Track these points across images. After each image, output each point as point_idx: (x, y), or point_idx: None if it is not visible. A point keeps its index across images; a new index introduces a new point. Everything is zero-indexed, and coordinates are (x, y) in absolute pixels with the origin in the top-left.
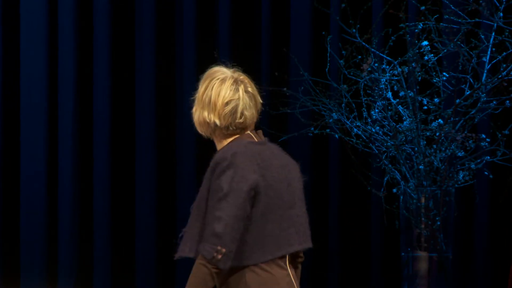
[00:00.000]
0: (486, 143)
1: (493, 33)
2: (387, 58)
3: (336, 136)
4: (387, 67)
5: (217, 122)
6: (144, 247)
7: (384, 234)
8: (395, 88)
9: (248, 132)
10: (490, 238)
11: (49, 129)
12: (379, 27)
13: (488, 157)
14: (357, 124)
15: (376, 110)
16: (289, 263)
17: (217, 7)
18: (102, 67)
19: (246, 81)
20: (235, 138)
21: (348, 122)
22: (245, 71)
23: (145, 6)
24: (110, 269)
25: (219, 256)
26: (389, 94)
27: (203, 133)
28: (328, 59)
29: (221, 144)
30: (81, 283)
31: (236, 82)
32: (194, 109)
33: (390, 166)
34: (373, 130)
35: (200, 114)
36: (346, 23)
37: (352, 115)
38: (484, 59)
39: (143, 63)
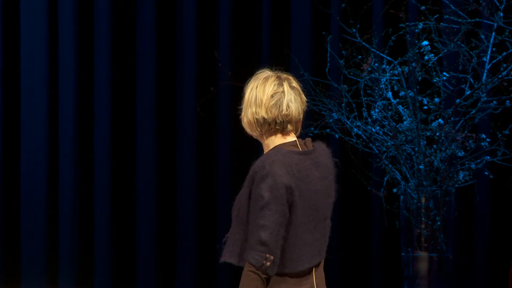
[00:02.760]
0: (486, 143)
1: (493, 33)
2: (387, 58)
3: (336, 136)
4: (387, 67)
5: (265, 115)
6: (144, 247)
7: (384, 234)
8: (395, 88)
9: (295, 139)
10: (490, 238)
11: (50, 130)
12: (379, 27)
13: (488, 157)
14: (357, 124)
15: (376, 110)
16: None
17: (217, 7)
18: (103, 68)
19: (290, 77)
20: (276, 147)
21: (348, 122)
22: (246, 71)
23: (146, 6)
24: (110, 269)
25: (268, 263)
26: (389, 94)
27: (253, 134)
28: (328, 59)
29: (267, 146)
30: (81, 283)
31: (279, 78)
32: (242, 115)
33: (390, 166)
34: (373, 130)
35: (248, 113)
36: (347, 23)
37: (352, 115)
38: (484, 59)
39: (144, 63)
